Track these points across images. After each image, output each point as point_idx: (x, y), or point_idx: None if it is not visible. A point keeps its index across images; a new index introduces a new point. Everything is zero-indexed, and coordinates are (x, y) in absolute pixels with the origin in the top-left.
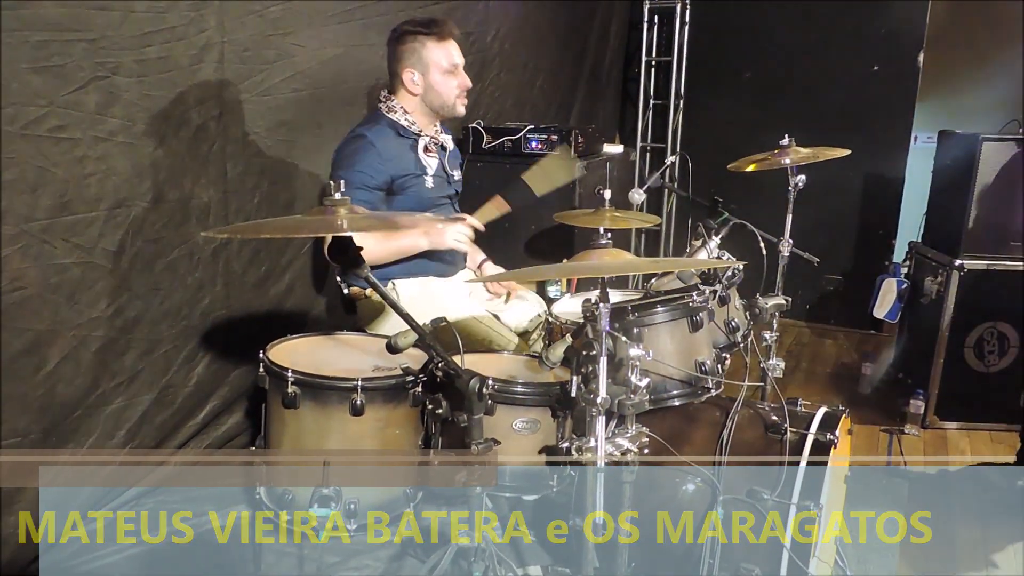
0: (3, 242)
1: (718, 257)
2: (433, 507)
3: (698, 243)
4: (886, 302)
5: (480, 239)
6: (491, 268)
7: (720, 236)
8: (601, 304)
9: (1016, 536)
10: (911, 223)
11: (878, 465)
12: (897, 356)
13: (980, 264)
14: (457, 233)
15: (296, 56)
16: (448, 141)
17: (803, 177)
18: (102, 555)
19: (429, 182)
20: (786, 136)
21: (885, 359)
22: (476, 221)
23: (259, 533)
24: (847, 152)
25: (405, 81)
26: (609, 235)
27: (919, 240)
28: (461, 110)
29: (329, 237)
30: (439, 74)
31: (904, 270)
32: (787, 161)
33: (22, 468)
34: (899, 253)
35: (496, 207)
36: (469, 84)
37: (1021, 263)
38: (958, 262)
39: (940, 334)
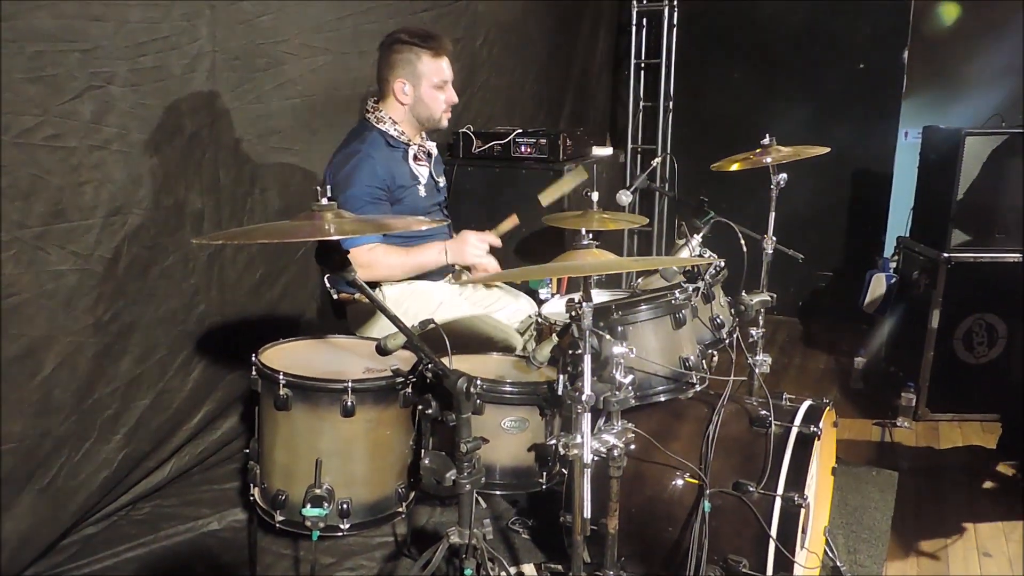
0: None
1: (700, 255)
2: (425, 506)
3: (681, 242)
4: (876, 296)
5: None
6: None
7: (702, 235)
8: (584, 303)
9: (1007, 524)
10: (900, 218)
11: (868, 456)
12: (887, 350)
13: (967, 257)
14: (475, 248)
15: (287, 64)
16: (432, 148)
17: (784, 176)
18: (99, 559)
19: (422, 191)
20: (767, 135)
21: (876, 353)
22: (494, 237)
23: (254, 535)
24: (827, 150)
25: (395, 90)
26: (591, 235)
27: (907, 235)
28: (445, 123)
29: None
30: (430, 88)
31: (893, 265)
32: (768, 160)
33: (20, 472)
34: (888, 248)
35: (511, 222)
36: (455, 100)
37: (1007, 255)
38: (945, 255)
39: (929, 327)
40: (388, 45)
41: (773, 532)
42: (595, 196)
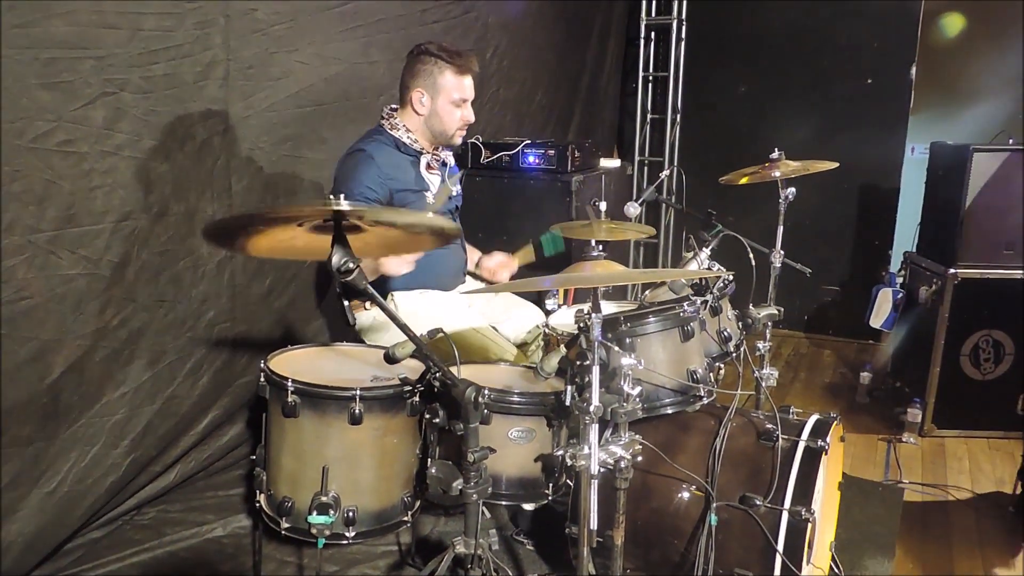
0: (10, 252)
1: (708, 268)
2: (430, 515)
3: (689, 255)
4: (882, 312)
5: (480, 250)
6: (488, 258)
7: (710, 248)
8: (593, 315)
9: (1016, 539)
10: (907, 233)
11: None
12: (894, 365)
13: (974, 273)
14: (395, 267)
15: (299, 73)
16: (449, 157)
17: (793, 190)
18: (104, 564)
19: (429, 198)
20: (776, 150)
21: (882, 368)
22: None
23: (259, 541)
24: (835, 165)
25: (413, 99)
26: (602, 247)
27: (914, 250)
28: (458, 141)
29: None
30: (447, 103)
31: (899, 280)
32: (777, 174)
33: (27, 475)
34: (895, 263)
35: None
36: (472, 119)
37: (1014, 271)
38: (952, 271)
39: (936, 343)
40: (415, 54)
41: (779, 546)
42: (603, 206)
